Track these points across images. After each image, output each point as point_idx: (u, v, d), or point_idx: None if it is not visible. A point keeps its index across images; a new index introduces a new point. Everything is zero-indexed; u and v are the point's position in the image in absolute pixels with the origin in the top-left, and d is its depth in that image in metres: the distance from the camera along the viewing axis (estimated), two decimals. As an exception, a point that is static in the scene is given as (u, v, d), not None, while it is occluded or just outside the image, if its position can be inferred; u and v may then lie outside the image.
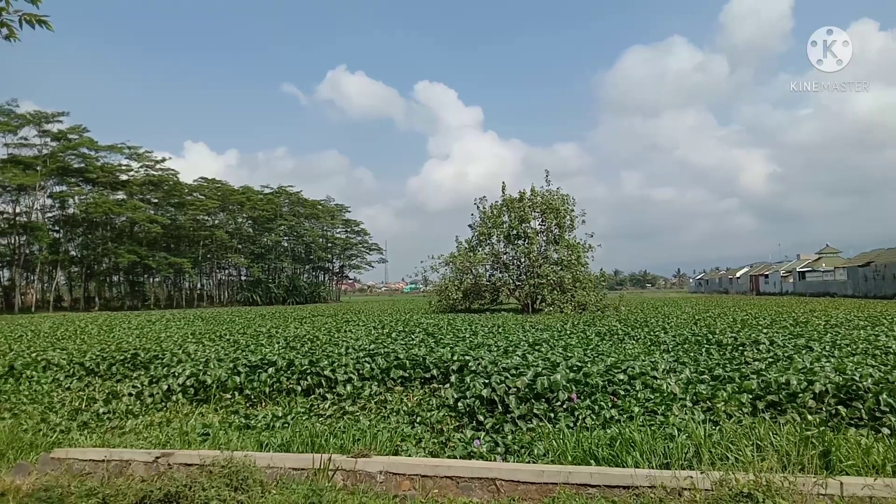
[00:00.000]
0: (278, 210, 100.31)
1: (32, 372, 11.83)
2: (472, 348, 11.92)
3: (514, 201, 39.60)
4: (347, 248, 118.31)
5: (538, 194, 39.30)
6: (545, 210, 38.62)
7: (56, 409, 9.96)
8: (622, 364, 9.05)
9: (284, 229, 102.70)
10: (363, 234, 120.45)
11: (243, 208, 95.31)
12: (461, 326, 19.81)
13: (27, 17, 4.23)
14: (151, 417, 9.26)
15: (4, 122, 69.69)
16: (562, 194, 39.49)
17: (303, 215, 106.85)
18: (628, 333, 16.15)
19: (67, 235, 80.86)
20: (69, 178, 77.06)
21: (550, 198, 38.99)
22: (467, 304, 40.05)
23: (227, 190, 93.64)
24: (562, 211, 38.56)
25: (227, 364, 10.84)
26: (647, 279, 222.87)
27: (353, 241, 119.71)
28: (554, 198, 39.02)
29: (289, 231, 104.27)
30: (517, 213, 38.92)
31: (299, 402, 9.42)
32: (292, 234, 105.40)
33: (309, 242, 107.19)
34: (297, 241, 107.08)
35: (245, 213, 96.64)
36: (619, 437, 6.10)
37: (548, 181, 40.37)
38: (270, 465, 5.40)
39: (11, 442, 7.57)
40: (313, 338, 16.35)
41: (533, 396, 7.83)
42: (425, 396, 9.18)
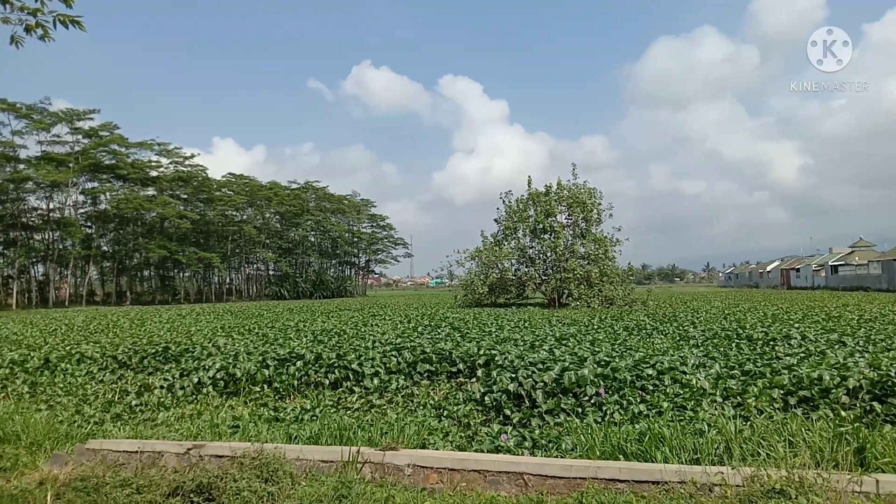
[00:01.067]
0: (305, 205, 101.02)
1: (67, 365, 12.07)
2: (498, 343, 11.90)
3: (540, 195, 39.40)
4: (373, 243, 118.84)
5: (565, 188, 39.05)
6: (572, 204, 38.36)
7: (90, 401, 10.16)
8: (651, 359, 8.96)
9: (311, 224, 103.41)
10: (389, 228, 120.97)
11: (271, 203, 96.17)
12: (487, 321, 19.79)
13: (61, 17, 4.31)
14: (182, 410, 9.40)
15: (38, 119, 71.09)
16: (589, 188, 39.20)
17: (329, 210, 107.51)
18: (657, 328, 16.00)
19: (99, 231, 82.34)
20: (101, 174, 78.45)
21: (577, 191, 38.70)
22: (493, 299, 39.97)
23: (255, 185, 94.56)
24: (589, 204, 38.26)
25: (257, 357, 10.95)
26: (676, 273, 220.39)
27: (379, 236, 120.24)
28: (581, 191, 38.72)
29: (315, 226, 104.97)
30: (543, 207, 38.71)
31: (327, 395, 9.50)
32: (319, 228, 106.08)
33: (335, 237, 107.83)
34: (323, 236, 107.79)
35: (272, 208, 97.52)
36: (647, 433, 6.04)
37: (574, 174, 40.12)
38: (300, 458, 5.44)
39: (48, 433, 7.74)
40: (340, 332, 16.46)
41: (560, 391, 7.80)
42: (452, 390, 9.19)
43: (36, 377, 11.57)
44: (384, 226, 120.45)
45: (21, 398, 10.48)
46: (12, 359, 12.38)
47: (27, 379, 11.42)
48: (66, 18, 4.34)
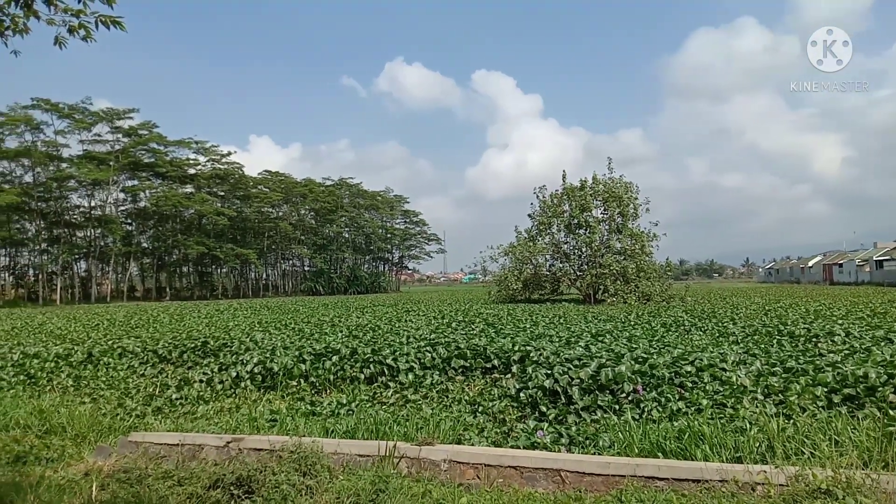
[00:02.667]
0: (339, 201, 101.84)
1: (109, 359, 12.34)
2: (533, 339, 11.84)
3: (574, 190, 39.03)
4: (407, 239, 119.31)
5: (600, 182, 38.61)
6: (607, 198, 37.91)
7: (132, 395, 10.38)
8: (689, 355, 8.81)
9: (345, 220, 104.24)
10: (422, 224, 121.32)
11: (306, 200, 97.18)
12: (521, 317, 19.70)
13: (103, 18, 4.38)
14: (221, 403, 9.55)
15: (79, 119, 72.83)
16: (625, 182, 38.66)
17: (363, 206, 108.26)
18: (695, 324, 15.75)
19: (139, 228, 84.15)
20: (140, 172, 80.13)
21: (613, 186, 38.21)
22: (527, 295, 39.76)
23: (290, 182, 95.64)
24: (625, 199, 37.74)
25: (293, 352, 11.06)
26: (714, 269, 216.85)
27: (413, 232, 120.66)
28: (617, 186, 38.21)
29: (349, 222, 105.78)
30: (578, 201, 38.34)
31: (362, 390, 9.55)
32: (353, 225, 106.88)
33: (369, 233, 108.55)
34: (357, 232, 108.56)
35: (307, 204, 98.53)
36: (687, 430, 5.95)
37: (610, 169, 39.58)
38: (337, 452, 5.47)
39: (92, 425, 7.92)
40: (375, 327, 16.54)
41: (597, 388, 7.72)
42: (487, 386, 9.16)
43: (80, 371, 11.85)
44: (417, 221, 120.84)
45: (66, 391, 10.75)
46: (57, 353, 12.70)
47: (71, 372, 11.70)
48: (107, 19, 4.40)
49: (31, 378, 11.51)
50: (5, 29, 4.23)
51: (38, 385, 11.17)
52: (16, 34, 4.31)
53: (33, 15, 4.24)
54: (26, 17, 4.24)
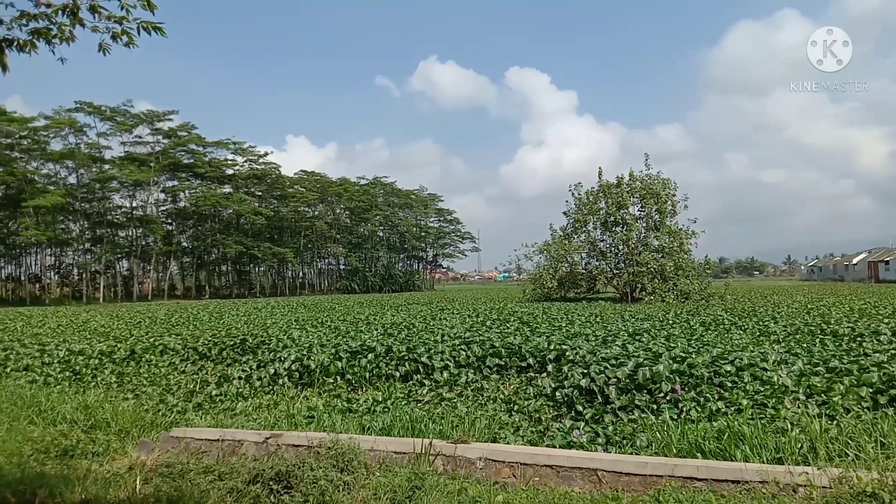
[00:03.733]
0: (374, 200, 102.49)
1: (151, 356, 12.62)
2: (568, 337, 11.76)
3: (611, 187, 38.62)
4: (440, 237, 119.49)
5: (637, 179, 38.12)
6: (645, 195, 37.42)
7: (173, 391, 10.60)
8: (729, 355, 8.67)
9: (380, 219, 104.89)
10: (456, 222, 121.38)
11: (341, 199, 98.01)
12: (557, 315, 19.59)
13: (144, 24, 4.48)
14: (260, 400, 9.69)
15: (121, 121, 74.58)
16: (662, 178, 38.09)
17: (397, 205, 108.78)
18: (735, 323, 15.47)
19: (179, 227, 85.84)
20: (180, 173, 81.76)
21: (650, 182, 37.70)
22: (563, 293, 39.49)
23: (326, 182, 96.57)
24: (663, 196, 37.19)
25: (329, 350, 11.18)
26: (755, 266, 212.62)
27: (446, 230, 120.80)
28: (654, 182, 37.68)
29: (384, 221, 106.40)
30: (615, 198, 37.92)
31: (398, 388, 9.61)
32: (387, 223, 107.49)
33: (403, 232, 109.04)
34: (391, 231, 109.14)
35: (342, 204, 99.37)
36: (726, 430, 5.86)
37: (647, 165, 39.08)
38: (373, 448, 5.52)
39: (135, 421, 8.12)
40: (410, 325, 16.61)
41: (634, 387, 7.65)
42: (522, 385, 9.14)
43: (122, 367, 12.15)
44: (451, 220, 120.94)
45: (109, 387, 11.03)
46: (101, 350, 13.04)
47: (115, 369, 12.00)
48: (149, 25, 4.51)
49: (76, 374, 11.84)
50: (53, 37, 4.36)
51: (83, 381, 11.48)
52: (62, 42, 4.43)
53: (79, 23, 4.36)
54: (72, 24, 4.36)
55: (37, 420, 8.19)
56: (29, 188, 66.42)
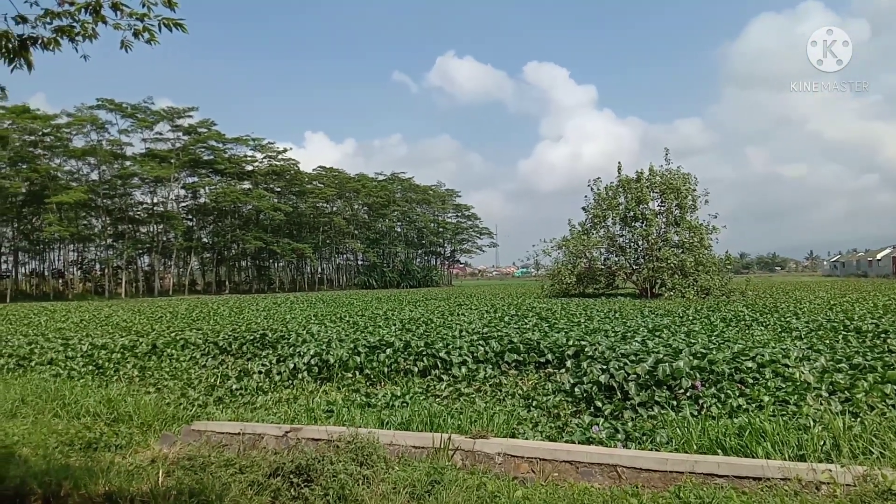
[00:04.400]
0: (391, 196, 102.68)
1: (172, 350, 12.75)
2: (587, 333, 11.72)
3: (630, 182, 38.40)
4: (458, 233, 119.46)
5: (657, 174, 37.87)
6: (665, 190, 37.17)
7: (194, 385, 10.71)
8: (750, 351, 8.59)
9: (397, 215, 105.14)
10: (474, 218, 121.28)
11: (359, 195, 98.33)
12: (576, 311, 19.53)
13: (165, 21, 4.51)
14: (279, 394, 9.76)
15: (142, 118, 75.36)
16: (683, 173, 37.83)
17: (415, 201, 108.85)
18: (756, 319, 15.34)
19: (199, 223, 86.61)
20: (200, 169, 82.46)
21: (670, 177, 37.43)
22: (581, 289, 39.37)
23: (344, 178, 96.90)
24: (683, 191, 36.91)
25: (348, 344, 11.22)
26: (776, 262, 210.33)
27: (464, 226, 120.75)
28: (674, 177, 37.40)
29: (401, 216, 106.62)
30: (634, 193, 37.69)
31: (416, 383, 9.63)
32: (405, 219, 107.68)
33: (421, 227, 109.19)
34: (409, 227, 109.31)
35: (360, 199, 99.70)
36: (748, 427, 5.81)
37: (667, 160, 38.84)
38: (392, 443, 5.54)
39: (157, 414, 8.21)
40: (428, 320, 16.64)
41: (654, 383, 7.60)
42: (540, 381, 9.12)
43: (144, 362, 12.29)
44: (469, 215, 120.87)
45: (132, 381, 11.16)
46: (123, 344, 13.20)
47: (137, 363, 12.15)
48: (169, 22, 4.54)
49: (99, 368, 12.00)
50: (76, 34, 4.41)
51: (105, 375, 11.63)
52: (85, 39, 4.48)
53: (101, 20, 4.41)
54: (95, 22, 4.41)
55: (61, 413, 8.32)
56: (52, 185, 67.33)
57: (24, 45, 4.35)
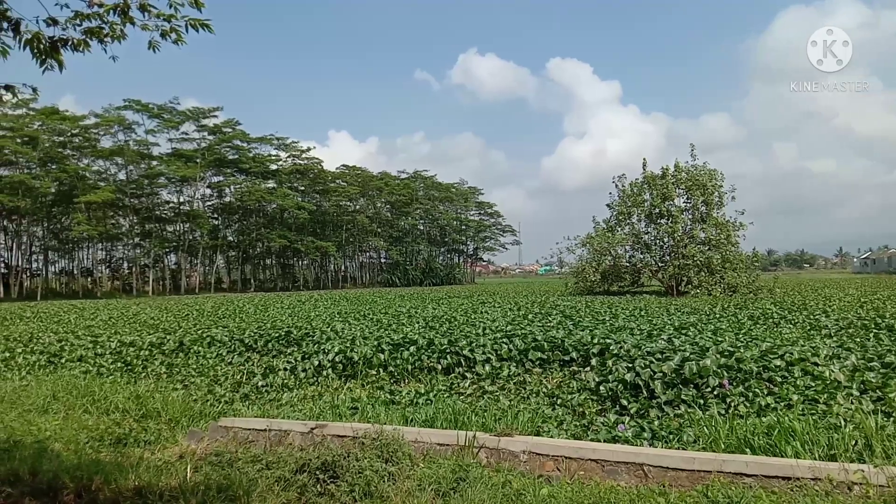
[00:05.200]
0: (414, 194, 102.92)
1: (199, 347, 12.89)
2: (612, 331, 11.63)
3: (656, 178, 38.03)
4: (481, 231, 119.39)
5: (683, 170, 37.45)
6: (690, 186, 36.73)
7: (220, 382, 10.83)
8: (779, 349, 8.46)
9: (420, 213, 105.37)
10: (496, 216, 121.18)
11: (381, 193, 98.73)
12: (600, 309, 19.40)
13: (192, 21, 4.56)
14: (304, 391, 9.83)
15: (168, 119, 76.41)
16: (709, 169, 37.33)
17: (437, 199, 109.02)
18: (784, 317, 15.12)
19: (225, 222, 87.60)
20: (225, 168, 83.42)
21: (696, 173, 36.98)
22: (606, 287, 39.10)
23: (367, 176, 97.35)
24: (709, 187, 36.44)
25: (372, 342, 11.26)
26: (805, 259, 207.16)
27: (487, 224, 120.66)
28: (700, 173, 36.94)
29: (424, 214, 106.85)
30: (659, 190, 37.32)
31: (440, 380, 9.63)
32: (427, 217, 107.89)
33: (443, 225, 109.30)
34: (432, 224, 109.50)
35: (383, 198, 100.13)
36: (776, 426, 5.72)
37: (693, 156, 38.37)
38: (417, 440, 5.55)
39: (184, 410, 8.33)
40: (451, 318, 16.64)
41: (680, 382, 7.53)
42: (565, 379, 9.07)
43: (172, 359, 12.45)
44: (492, 213, 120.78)
45: (159, 378, 11.32)
46: (151, 342, 13.38)
47: (164, 360, 12.32)
48: (196, 22, 4.59)
49: (127, 365, 12.19)
50: (105, 36, 4.48)
51: (133, 372, 11.81)
52: (114, 40, 4.55)
53: (129, 21, 4.47)
54: (123, 23, 4.47)
55: (91, 409, 8.46)
56: (80, 184, 68.57)
57: (55, 46, 4.42)
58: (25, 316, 26.87)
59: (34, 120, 67.15)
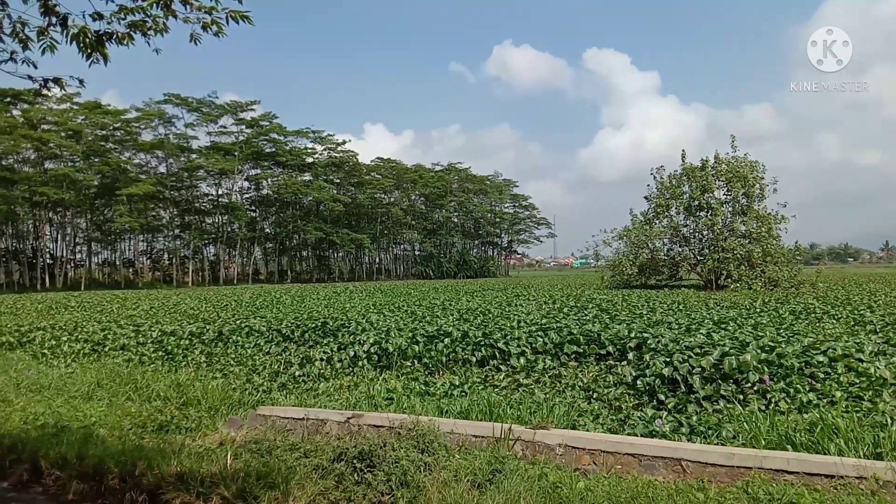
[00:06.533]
0: (448, 187, 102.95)
1: (237, 337, 13.11)
2: (650, 325, 11.51)
3: (695, 170, 37.38)
4: (515, 223, 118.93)
5: (723, 161, 36.72)
6: (731, 178, 36.02)
7: (258, 371, 11.00)
8: (821, 345, 8.27)
9: (454, 205, 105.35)
10: (531, 208, 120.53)
11: (416, 186, 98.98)
12: (637, 303, 19.20)
13: (233, 14, 4.62)
14: (340, 381, 9.92)
15: (207, 112, 77.61)
16: (750, 161, 36.53)
17: (472, 191, 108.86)
18: (827, 312, 14.77)
19: (262, 214, 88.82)
20: (262, 161, 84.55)
21: (737, 165, 36.24)
22: (643, 280, 38.68)
23: (401, 169, 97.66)
24: (750, 179, 35.67)
25: (407, 334, 11.32)
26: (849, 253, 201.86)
27: (521, 216, 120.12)
28: (741, 165, 36.19)
29: (458, 207, 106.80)
30: (699, 182, 36.69)
31: (474, 373, 9.64)
32: (462, 209, 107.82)
33: (478, 218, 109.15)
34: (466, 217, 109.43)
35: (418, 190, 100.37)
36: (819, 423, 5.60)
37: (734, 147, 37.51)
38: (453, 431, 5.56)
39: (223, 399, 8.48)
40: (485, 311, 16.62)
41: (720, 377, 7.41)
42: (601, 373, 9.00)
43: (211, 348, 12.68)
44: (526, 206, 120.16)
45: (199, 367, 11.55)
46: (191, 331, 13.65)
47: (204, 349, 12.56)
48: (236, 14, 4.65)
49: (168, 354, 12.46)
50: (148, 29, 4.57)
51: (174, 360, 12.06)
52: (157, 34, 4.64)
53: (171, 14, 4.55)
54: (165, 16, 4.56)
55: (133, 396, 8.67)
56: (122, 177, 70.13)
57: (101, 40, 4.52)
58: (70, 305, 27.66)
59: (77, 114, 68.88)
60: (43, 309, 26.43)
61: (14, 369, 10.92)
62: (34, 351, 13.49)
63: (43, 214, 70.74)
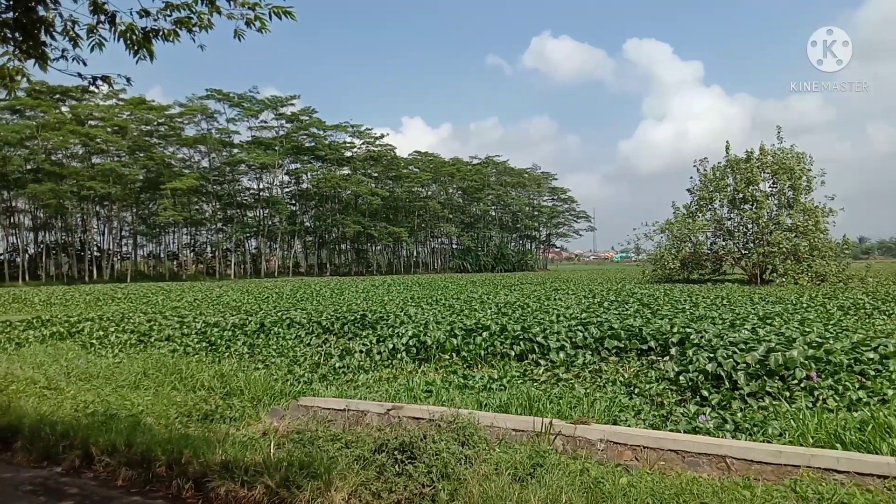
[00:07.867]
0: (486, 180, 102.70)
1: (279, 329, 13.28)
2: (693, 320, 11.31)
3: (739, 162, 36.62)
4: (554, 216, 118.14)
5: (768, 153, 35.90)
6: (777, 171, 35.19)
7: (299, 362, 11.12)
8: (872, 341, 8.03)
9: (492, 199, 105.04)
10: (570, 201, 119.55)
11: (453, 179, 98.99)
12: (679, 297, 18.93)
13: (276, 9, 4.68)
14: (380, 373, 9.98)
15: (248, 107, 78.82)
16: (797, 152, 35.65)
17: (509, 184, 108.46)
18: (878, 308, 14.36)
19: (302, 208, 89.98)
20: (302, 155, 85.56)
21: (783, 157, 35.38)
22: (685, 274, 38.07)
23: (439, 162, 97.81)
24: (797, 171, 34.82)
25: (445, 327, 11.33)
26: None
27: (560, 209, 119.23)
28: (787, 156, 35.32)
29: (496, 200, 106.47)
30: (743, 174, 35.94)
31: (513, 367, 9.60)
32: (499, 203, 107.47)
33: (515, 211, 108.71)
34: (504, 210, 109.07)
35: (455, 183, 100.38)
36: (870, 421, 5.44)
37: (780, 138, 36.65)
38: (493, 425, 5.56)
39: (265, 389, 8.61)
40: (524, 305, 16.57)
41: (765, 373, 7.25)
42: (642, 368, 8.88)
43: (253, 339, 12.87)
44: (565, 199, 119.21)
45: (242, 358, 11.73)
46: (234, 323, 13.89)
47: (246, 341, 12.75)
48: (279, 10, 4.71)
49: (211, 345, 12.68)
50: (193, 25, 4.65)
51: (217, 351, 12.27)
52: (201, 30, 4.72)
53: (216, 11, 4.63)
54: (210, 13, 4.64)
55: (178, 386, 8.87)
56: (166, 172, 71.80)
57: (147, 36, 4.62)
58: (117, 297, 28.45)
59: (123, 110, 70.67)
60: (91, 300, 27.24)
61: (65, 358, 11.28)
62: (83, 341, 13.86)
63: (90, 208, 72.88)
